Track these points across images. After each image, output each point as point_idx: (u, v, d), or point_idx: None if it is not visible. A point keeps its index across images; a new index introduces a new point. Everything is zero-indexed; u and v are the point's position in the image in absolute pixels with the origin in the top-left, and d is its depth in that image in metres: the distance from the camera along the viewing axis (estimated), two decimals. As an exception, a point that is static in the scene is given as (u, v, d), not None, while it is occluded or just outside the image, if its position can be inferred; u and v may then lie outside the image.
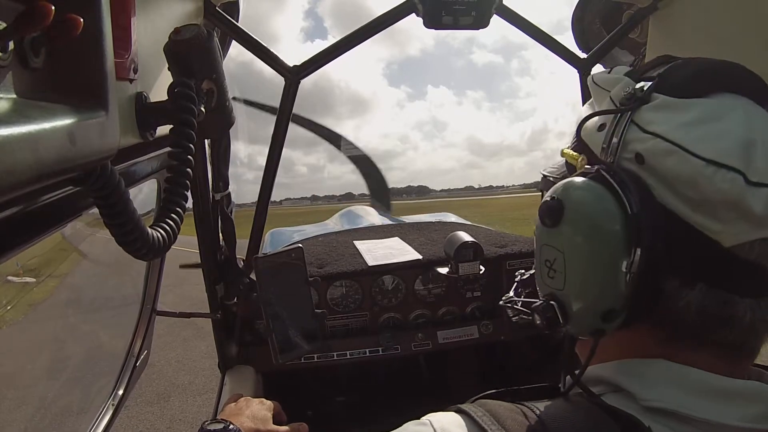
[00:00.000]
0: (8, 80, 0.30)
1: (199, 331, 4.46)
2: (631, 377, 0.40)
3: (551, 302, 0.41)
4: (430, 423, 0.40)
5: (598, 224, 0.37)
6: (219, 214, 1.18)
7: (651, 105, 0.39)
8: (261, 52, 1.04)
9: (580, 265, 0.39)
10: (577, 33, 1.25)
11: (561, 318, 0.41)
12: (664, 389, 0.38)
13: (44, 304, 1.89)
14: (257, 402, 0.85)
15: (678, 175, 0.36)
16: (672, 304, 0.38)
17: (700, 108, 0.37)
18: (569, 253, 0.39)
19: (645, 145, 0.38)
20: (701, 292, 0.37)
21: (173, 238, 0.48)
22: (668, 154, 0.36)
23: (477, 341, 1.38)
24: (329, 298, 1.36)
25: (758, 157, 0.35)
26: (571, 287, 0.39)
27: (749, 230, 0.35)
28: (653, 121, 0.38)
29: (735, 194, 0.34)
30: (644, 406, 0.38)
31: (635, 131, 0.39)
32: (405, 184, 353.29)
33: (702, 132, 0.36)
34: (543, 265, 0.42)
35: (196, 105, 0.53)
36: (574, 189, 0.39)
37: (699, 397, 0.37)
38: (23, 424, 1.23)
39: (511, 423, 0.37)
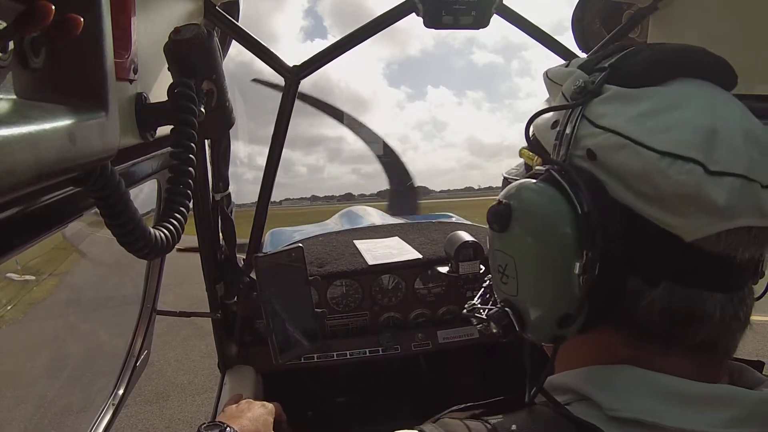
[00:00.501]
0: (8, 80, 0.30)
1: (199, 331, 4.47)
2: (596, 385, 0.38)
3: (506, 309, 0.39)
4: None
5: (546, 226, 0.35)
6: (219, 214, 1.18)
7: (602, 97, 0.37)
8: (261, 51, 1.04)
9: (531, 270, 0.37)
10: (577, 33, 1.25)
11: (517, 325, 0.39)
12: (631, 397, 0.36)
13: (44, 303, 1.89)
14: (259, 405, 0.85)
15: (630, 170, 0.34)
16: (634, 305, 0.36)
17: (655, 97, 0.35)
18: (519, 257, 0.37)
19: (596, 140, 0.36)
20: (665, 290, 0.35)
21: (177, 238, 0.48)
22: (619, 148, 0.34)
23: (477, 341, 1.38)
24: (329, 297, 1.36)
25: (720, 146, 0.33)
26: (525, 293, 0.38)
27: (712, 222, 0.33)
28: (604, 114, 0.36)
29: (693, 186, 0.32)
30: (611, 416, 0.36)
31: (587, 126, 0.37)
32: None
33: (656, 123, 0.34)
34: (496, 271, 0.40)
35: (196, 105, 0.53)
36: (522, 191, 0.38)
37: (667, 404, 0.35)
38: (23, 424, 1.23)
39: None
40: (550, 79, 0.44)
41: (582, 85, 0.38)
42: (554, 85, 0.43)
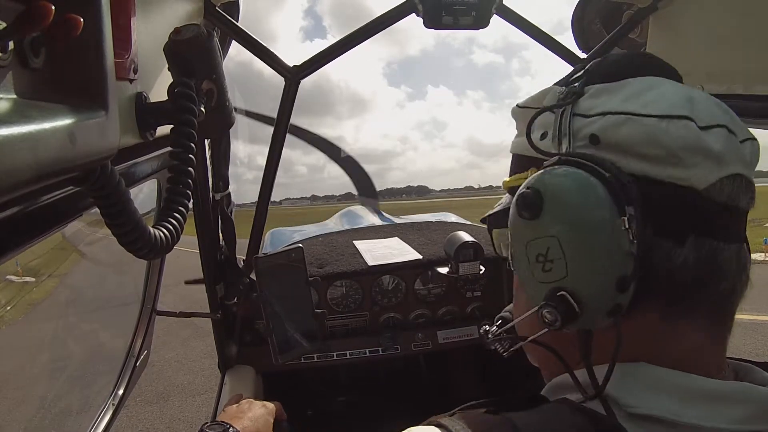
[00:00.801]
0: (8, 80, 0.30)
1: (199, 331, 4.46)
2: (613, 383, 0.38)
3: (559, 293, 0.38)
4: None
5: (581, 196, 0.37)
6: (219, 214, 1.18)
7: (587, 95, 0.41)
8: (261, 52, 1.04)
9: (580, 241, 0.37)
10: (577, 33, 1.25)
11: (576, 305, 0.38)
12: (648, 394, 0.37)
13: (44, 304, 1.89)
14: (259, 405, 0.85)
15: (636, 139, 0.37)
16: (669, 266, 0.37)
17: (634, 84, 0.40)
18: (564, 234, 0.37)
19: (595, 126, 0.39)
20: (692, 246, 0.37)
21: (177, 238, 0.48)
22: (621, 124, 0.38)
23: (477, 341, 1.38)
24: (329, 298, 1.36)
25: (699, 107, 0.38)
26: (576, 267, 0.37)
27: (714, 168, 0.37)
28: (595, 105, 0.40)
29: (693, 138, 0.36)
30: (628, 412, 0.37)
31: (580, 121, 0.40)
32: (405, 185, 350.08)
33: (644, 99, 0.38)
34: (534, 264, 0.40)
35: (196, 105, 0.53)
36: (542, 176, 0.39)
37: (683, 400, 0.36)
38: (23, 424, 1.23)
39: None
40: (524, 107, 0.48)
41: (565, 91, 0.42)
42: (528, 111, 0.46)
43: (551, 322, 0.39)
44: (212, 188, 1.15)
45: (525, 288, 0.43)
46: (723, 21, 0.87)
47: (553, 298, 0.38)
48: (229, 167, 1.15)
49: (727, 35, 0.86)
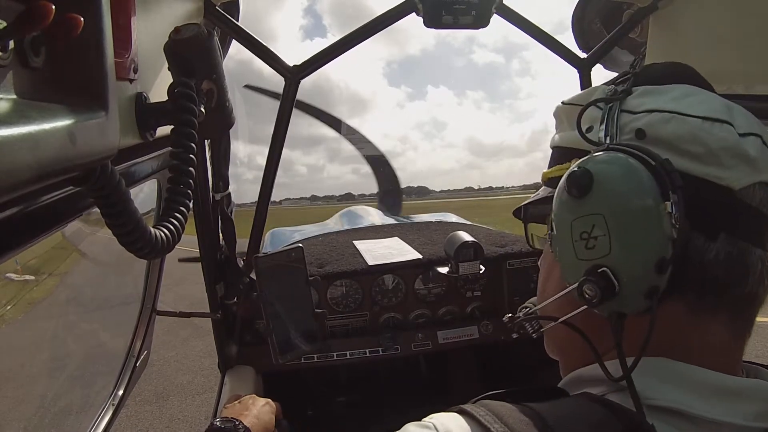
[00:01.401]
0: (8, 80, 0.30)
1: (199, 331, 4.47)
2: (635, 375, 0.39)
3: (599, 271, 0.39)
4: (434, 426, 0.39)
5: (628, 178, 0.38)
6: (219, 214, 1.18)
7: (635, 94, 0.43)
8: (261, 51, 1.04)
9: (623, 222, 0.38)
10: (577, 33, 1.25)
11: (616, 281, 0.39)
12: (666, 387, 0.39)
13: (44, 303, 1.89)
14: (263, 402, 0.86)
15: (680, 136, 0.39)
16: (702, 261, 0.39)
17: (677, 89, 0.42)
18: (610, 212, 0.39)
19: (642, 121, 0.41)
20: (723, 243, 0.39)
21: (178, 238, 0.48)
22: (667, 121, 0.40)
23: (477, 341, 1.38)
24: (329, 297, 1.36)
25: (737, 116, 0.40)
26: (619, 246, 0.39)
27: (750, 173, 0.39)
28: (643, 103, 0.42)
29: (733, 141, 0.39)
30: (648, 404, 0.38)
31: (627, 116, 0.42)
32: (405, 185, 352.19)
33: (688, 101, 0.41)
34: (578, 241, 0.41)
35: (197, 105, 0.53)
36: (593, 158, 0.41)
37: (701, 396, 0.38)
38: (23, 424, 1.23)
39: (515, 422, 0.37)
40: (569, 104, 0.50)
41: (614, 89, 0.45)
42: (573, 108, 0.48)
43: (591, 298, 0.40)
44: (212, 188, 1.15)
45: (563, 268, 0.44)
46: (723, 21, 0.86)
47: (594, 274, 0.40)
48: (229, 167, 1.15)
49: (727, 35, 0.86)
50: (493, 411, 0.39)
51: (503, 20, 1.06)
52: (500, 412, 0.38)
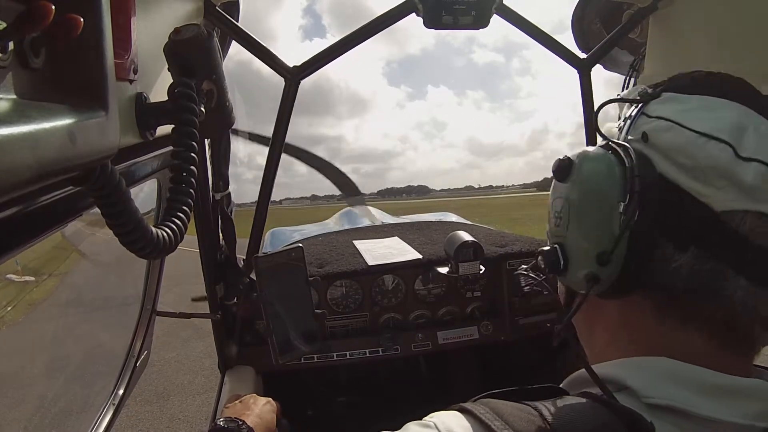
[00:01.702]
0: (8, 80, 0.30)
1: (199, 331, 4.47)
2: (633, 374, 0.41)
3: (555, 246, 0.46)
4: (435, 425, 0.40)
5: (598, 174, 0.43)
6: (219, 214, 1.18)
7: (659, 100, 0.45)
8: (261, 52, 1.04)
9: (580, 210, 0.44)
10: (577, 33, 1.25)
11: (562, 260, 0.45)
12: (666, 386, 0.39)
13: (44, 304, 1.89)
14: (264, 401, 0.86)
15: (674, 145, 0.41)
16: (665, 267, 0.40)
17: (700, 101, 0.42)
18: (573, 200, 0.44)
19: (649, 126, 0.43)
20: (692, 256, 0.39)
21: (180, 237, 0.48)
22: (667, 129, 0.41)
23: (477, 341, 1.38)
24: (329, 298, 1.36)
25: (749, 138, 0.39)
26: (573, 230, 0.44)
27: (740, 198, 0.38)
28: (658, 110, 0.44)
29: (724, 162, 0.38)
30: (646, 403, 0.39)
31: (643, 118, 0.44)
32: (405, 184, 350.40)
33: (697, 115, 0.41)
34: (553, 217, 0.47)
35: (197, 105, 0.53)
36: (582, 151, 0.46)
37: (700, 394, 0.38)
38: (23, 424, 1.23)
39: (517, 421, 0.37)
40: (617, 98, 0.53)
41: (644, 91, 0.46)
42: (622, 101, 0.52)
43: (541, 268, 0.47)
44: (212, 188, 1.15)
45: (547, 232, 0.50)
46: (723, 21, 0.86)
47: (550, 249, 0.47)
48: (229, 167, 1.15)
49: (727, 35, 0.86)
50: (494, 409, 0.39)
51: (503, 20, 1.06)
52: (501, 410, 0.39)
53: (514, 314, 1.40)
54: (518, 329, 1.40)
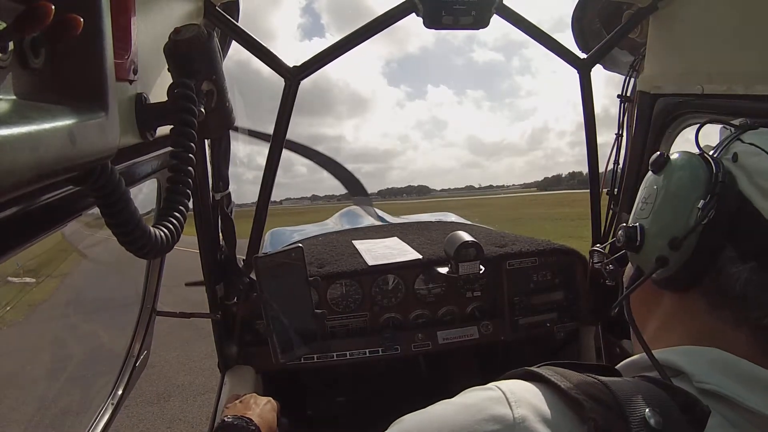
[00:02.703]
0: (8, 80, 0.30)
1: (199, 332, 4.46)
2: (688, 360, 0.44)
3: (636, 225, 0.52)
4: (498, 388, 0.41)
5: (687, 172, 0.48)
6: (219, 214, 1.18)
7: (755, 132, 0.50)
8: (261, 52, 1.04)
9: (665, 199, 0.49)
10: (577, 33, 1.25)
11: (639, 238, 0.51)
12: (717, 375, 0.41)
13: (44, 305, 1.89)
14: (265, 401, 0.86)
15: (758, 170, 0.45)
16: (724, 271, 0.44)
17: None
18: (661, 189, 0.50)
19: (741, 149, 0.48)
20: (751, 270, 0.43)
21: (177, 237, 0.48)
22: (756, 154, 0.46)
23: (477, 341, 1.38)
24: (329, 298, 1.36)
25: None
26: (655, 214, 0.50)
27: None
28: (753, 138, 0.49)
29: None
30: (698, 387, 0.41)
31: (738, 143, 0.49)
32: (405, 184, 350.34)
33: None
34: (640, 203, 0.53)
35: (196, 105, 0.53)
36: (678, 153, 0.51)
37: (748, 386, 0.40)
38: (23, 424, 1.23)
39: (582, 384, 0.39)
40: (727, 122, 0.59)
41: (744, 122, 0.54)
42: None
43: (622, 242, 0.53)
44: (212, 188, 1.15)
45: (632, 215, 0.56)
46: (723, 21, 0.86)
47: (632, 227, 0.52)
48: (229, 167, 1.15)
49: (727, 35, 0.86)
50: (560, 372, 0.41)
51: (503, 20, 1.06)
52: (566, 374, 0.41)
53: (514, 314, 1.40)
54: (518, 329, 1.40)
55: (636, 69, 1.17)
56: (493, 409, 0.39)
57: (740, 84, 0.82)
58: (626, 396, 0.38)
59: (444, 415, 0.41)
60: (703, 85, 0.90)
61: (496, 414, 0.38)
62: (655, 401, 0.37)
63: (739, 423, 0.39)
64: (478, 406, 0.40)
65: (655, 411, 0.36)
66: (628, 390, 0.39)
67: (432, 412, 0.43)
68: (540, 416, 0.38)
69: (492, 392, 0.41)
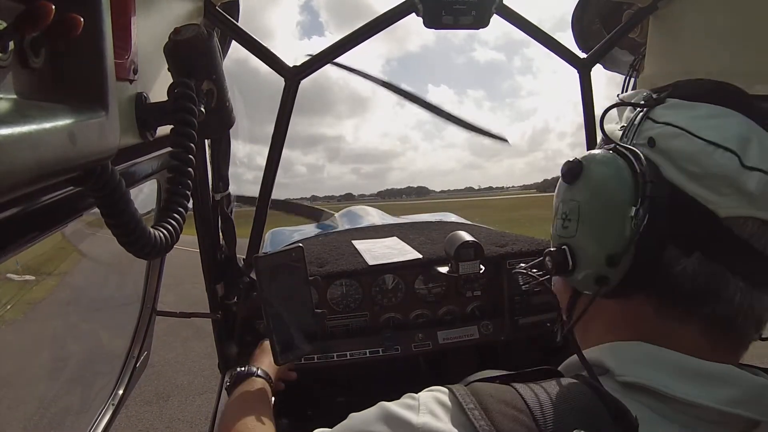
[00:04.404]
0: (8, 80, 0.30)
1: (199, 331, 4.46)
2: (611, 357, 0.43)
3: (563, 248, 0.46)
4: (418, 397, 0.45)
5: (609, 177, 0.43)
6: (219, 214, 1.18)
7: (664, 105, 0.45)
8: (261, 52, 1.04)
9: (591, 212, 0.44)
10: (577, 33, 1.25)
11: (571, 261, 0.46)
12: (639, 366, 0.41)
13: (44, 303, 1.89)
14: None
15: (682, 152, 0.41)
16: (670, 270, 0.41)
17: (705, 108, 0.43)
18: (583, 202, 0.45)
19: (656, 131, 0.44)
20: (696, 261, 0.41)
21: (176, 238, 0.48)
22: (676, 136, 0.42)
23: (477, 341, 1.38)
24: (329, 297, 1.36)
25: (753, 149, 0.40)
26: (582, 232, 0.45)
27: (743, 205, 0.39)
28: (665, 115, 0.44)
29: (731, 171, 0.40)
30: (620, 381, 0.41)
31: (649, 124, 0.45)
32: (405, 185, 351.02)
33: (705, 123, 0.42)
34: (559, 219, 0.48)
35: (196, 105, 0.53)
36: (591, 154, 0.46)
37: (672, 376, 0.39)
38: (23, 424, 1.23)
39: (490, 401, 0.39)
40: (620, 102, 0.53)
41: (649, 96, 0.47)
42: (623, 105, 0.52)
43: (549, 269, 0.48)
44: (212, 188, 1.15)
45: (551, 241, 0.51)
46: (723, 21, 0.86)
47: (558, 250, 0.47)
48: (229, 167, 1.15)
49: (727, 35, 0.86)
50: (474, 390, 0.41)
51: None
52: (480, 391, 0.41)
53: (514, 314, 1.40)
54: (518, 329, 1.40)
55: (636, 69, 1.17)
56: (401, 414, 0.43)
57: (740, 84, 0.82)
58: (542, 407, 0.37)
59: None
60: (703, 85, 0.90)
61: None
62: (583, 415, 0.36)
63: (668, 413, 0.39)
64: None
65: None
66: (548, 400, 0.38)
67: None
68: None
69: (413, 400, 0.44)
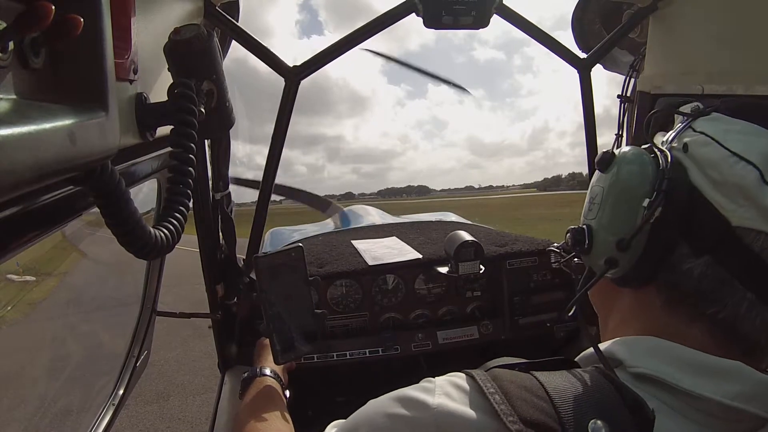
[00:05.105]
0: (8, 80, 0.30)
1: (199, 331, 4.46)
2: (624, 350, 0.45)
3: (583, 227, 0.51)
4: (434, 381, 0.48)
5: (633, 169, 0.47)
6: (219, 214, 1.18)
7: (708, 117, 0.49)
8: (261, 52, 1.04)
9: (611, 199, 0.49)
10: (577, 33, 1.25)
11: (587, 240, 0.50)
12: (650, 359, 0.43)
13: (44, 303, 1.89)
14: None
15: (708, 159, 0.44)
16: (678, 267, 0.44)
17: (742, 125, 0.46)
18: (607, 189, 0.49)
19: (691, 139, 0.47)
20: (705, 264, 0.42)
21: (177, 238, 0.48)
22: (706, 144, 0.45)
23: (477, 341, 1.38)
24: (329, 297, 1.36)
25: None
26: (601, 215, 0.50)
27: (757, 219, 0.41)
28: (704, 126, 0.48)
29: (750, 183, 0.41)
30: (631, 372, 0.43)
31: (689, 132, 0.48)
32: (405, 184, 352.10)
33: (736, 137, 0.44)
34: (588, 202, 0.53)
35: (196, 105, 0.53)
36: (625, 149, 0.50)
37: (681, 369, 0.41)
38: (23, 424, 1.23)
39: (511, 387, 0.40)
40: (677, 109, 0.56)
41: (696, 107, 0.51)
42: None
43: (570, 244, 0.53)
44: (212, 188, 1.15)
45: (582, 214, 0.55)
46: (723, 21, 0.86)
47: (579, 229, 0.52)
48: (229, 167, 1.15)
49: (727, 35, 0.86)
50: (494, 375, 0.42)
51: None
52: (500, 376, 0.42)
53: (514, 314, 1.40)
54: (518, 329, 1.40)
55: (636, 69, 1.17)
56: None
57: (740, 84, 0.82)
58: (561, 394, 0.39)
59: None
60: (703, 85, 0.90)
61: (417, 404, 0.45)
62: (601, 406, 0.38)
63: (677, 406, 0.41)
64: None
65: (602, 423, 0.36)
66: (567, 388, 0.40)
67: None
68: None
69: (429, 383, 0.48)
